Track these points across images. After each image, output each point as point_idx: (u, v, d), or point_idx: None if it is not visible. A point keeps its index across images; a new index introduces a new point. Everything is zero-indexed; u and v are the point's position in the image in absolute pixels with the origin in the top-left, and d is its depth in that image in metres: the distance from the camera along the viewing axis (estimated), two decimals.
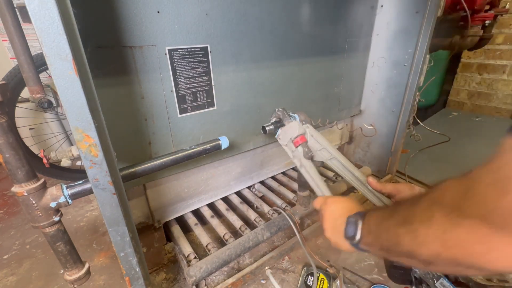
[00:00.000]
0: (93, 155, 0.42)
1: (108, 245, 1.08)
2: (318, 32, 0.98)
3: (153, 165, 0.62)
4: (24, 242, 1.13)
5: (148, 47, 0.65)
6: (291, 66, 0.96)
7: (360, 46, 1.17)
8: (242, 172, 1.09)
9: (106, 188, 0.45)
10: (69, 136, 1.83)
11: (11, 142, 0.41)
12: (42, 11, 0.33)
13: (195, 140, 0.82)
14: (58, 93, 0.37)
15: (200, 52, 0.73)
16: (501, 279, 0.76)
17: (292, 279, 0.88)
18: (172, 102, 0.73)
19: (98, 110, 0.43)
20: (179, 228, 0.96)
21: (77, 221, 1.25)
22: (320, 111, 1.16)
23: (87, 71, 0.41)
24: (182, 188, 0.93)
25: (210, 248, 0.86)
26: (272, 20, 0.84)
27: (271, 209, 1.03)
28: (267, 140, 1.02)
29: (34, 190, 0.44)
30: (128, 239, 0.51)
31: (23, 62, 0.48)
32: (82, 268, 0.53)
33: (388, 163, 1.32)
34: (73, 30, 0.38)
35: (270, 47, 0.87)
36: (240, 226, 0.95)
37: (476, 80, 2.53)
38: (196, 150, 0.69)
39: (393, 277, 0.86)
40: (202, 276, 0.77)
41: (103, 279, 0.93)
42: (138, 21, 0.61)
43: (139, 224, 0.84)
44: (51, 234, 0.48)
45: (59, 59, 0.36)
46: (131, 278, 0.56)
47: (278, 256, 0.94)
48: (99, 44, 0.58)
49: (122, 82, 0.64)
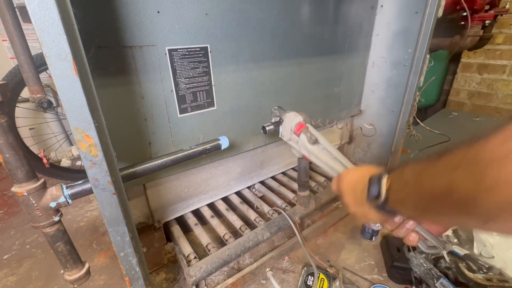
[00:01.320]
0: (93, 155, 0.42)
1: (108, 245, 1.08)
2: (318, 32, 0.98)
3: (153, 165, 0.62)
4: (24, 242, 1.13)
5: (148, 47, 0.65)
6: (291, 66, 0.96)
7: (360, 46, 1.17)
8: (242, 172, 1.09)
9: (106, 188, 0.45)
10: (69, 136, 1.83)
11: (11, 142, 0.41)
12: (42, 11, 0.33)
13: (195, 140, 0.82)
14: (58, 93, 0.37)
15: (200, 52, 0.73)
16: (501, 279, 0.76)
17: (292, 279, 0.88)
18: (172, 102, 0.73)
19: (98, 110, 0.43)
20: (179, 228, 0.96)
21: (77, 221, 1.25)
22: (320, 111, 1.16)
23: (87, 71, 0.41)
24: (182, 188, 0.93)
25: (210, 248, 0.86)
26: (272, 20, 0.84)
27: (271, 209, 1.03)
28: (267, 140, 1.02)
29: (34, 190, 0.44)
30: (128, 239, 0.51)
31: (23, 62, 0.48)
32: (82, 268, 0.53)
33: (388, 163, 1.32)
34: (73, 30, 0.38)
35: (270, 47, 0.87)
36: (240, 226, 0.95)
37: (476, 80, 2.53)
38: (196, 150, 0.69)
39: (393, 277, 0.86)
40: (202, 276, 0.77)
41: (103, 279, 0.93)
42: (138, 21, 0.61)
43: (139, 224, 0.84)
44: (51, 234, 0.48)
45: (59, 59, 0.36)
46: (131, 278, 0.56)
47: (278, 256, 0.94)
48: (99, 44, 0.58)
49: (122, 82, 0.64)
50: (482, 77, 2.48)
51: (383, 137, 1.30)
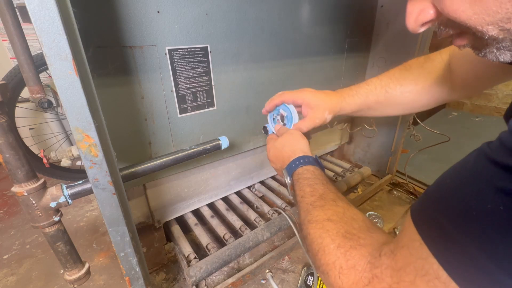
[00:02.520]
0: (93, 155, 0.42)
1: (108, 245, 1.09)
2: (318, 32, 0.98)
3: (153, 165, 0.62)
4: (24, 242, 1.13)
5: (148, 47, 0.65)
6: (291, 66, 0.96)
7: (360, 46, 1.17)
8: (242, 172, 1.09)
9: (106, 188, 0.45)
10: (69, 136, 1.83)
11: (11, 142, 0.41)
12: (42, 11, 0.33)
13: (195, 140, 0.82)
14: (58, 93, 0.37)
15: (200, 52, 0.73)
16: None
17: (292, 279, 0.88)
18: (172, 102, 0.73)
19: (98, 110, 0.43)
20: (179, 228, 0.96)
21: (77, 221, 1.25)
22: None
23: (87, 71, 0.41)
24: (182, 188, 0.93)
25: (210, 248, 0.86)
26: (272, 20, 0.84)
27: (271, 209, 1.03)
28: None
29: (34, 190, 0.44)
30: (128, 239, 0.51)
31: (23, 62, 0.48)
32: (82, 268, 0.53)
33: (388, 163, 1.32)
34: (73, 30, 0.38)
35: (270, 47, 0.87)
36: (240, 226, 0.95)
37: None
38: (196, 150, 0.69)
39: None
40: (202, 276, 0.77)
41: (103, 279, 0.93)
42: (138, 21, 0.61)
43: (139, 224, 0.84)
44: (51, 234, 0.48)
45: (59, 59, 0.36)
46: (131, 278, 0.56)
47: (278, 256, 0.94)
48: (99, 44, 0.58)
49: (122, 82, 0.64)
50: None
51: (383, 137, 1.30)
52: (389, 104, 0.67)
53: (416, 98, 0.64)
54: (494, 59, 0.27)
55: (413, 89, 0.64)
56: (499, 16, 0.23)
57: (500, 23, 0.23)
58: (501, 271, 0.21)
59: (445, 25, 0.30)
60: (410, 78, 0.64)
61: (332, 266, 0.34)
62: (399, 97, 0.65)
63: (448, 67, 0.59)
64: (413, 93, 0.64)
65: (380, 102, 0.67)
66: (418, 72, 0.63)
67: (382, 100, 0.67)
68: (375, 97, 0.67)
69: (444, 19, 0.29)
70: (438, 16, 0.29)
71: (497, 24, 0.24)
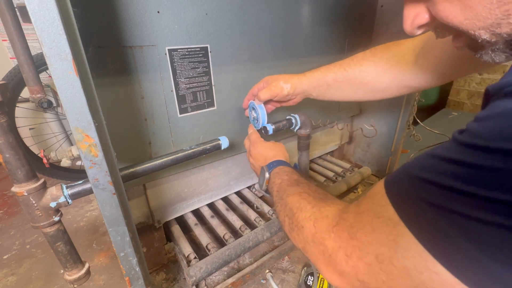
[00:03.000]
0: (93, 155, 0.42)
1: (108, 245, 1.09)
2: (318, 32, 0.98)
3: (153, 165, 0.62)
4: (24, 242, 1.13)
5: (148, 47, 0.65)
6: (291, 66, 0.96)
7: (360, 46, 1.17)
8: (242, 172, 1.09)
9: (106, 188, 0.45)
10: (69, 136, 1.83)
11: (11, 142, 0.41)
12: (42, 11, 0.33)
13: (195, 140, 0.82)
14: (58, 93, 0.37)
15: (200, 52, 0.73)
16: None
17: (292, 279, 0.88)
18: (172, 102, 0.73)
19: (98, 110, 0.43)
20: (179, 228, 0.96)
21: (77, 221, 1.25)
22: (320, 111, 1.16)
23: (87, 71, 0.41)
24: (182, 188, 0.93)
25: (210, 248, 0.86)
26: (272, 20, 0.84)
27: (271, 209, 1.03)
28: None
29: (34, 190, 0.44)
30: (128, 239, 0.51)
31: (23, 62, 0.48)
32: (82, 268, 0.53)
33: (388, 163, 1.32)
34: (73, 30, 0.38)
35: (270, 47, 0.87)
36: (240, 226, 0.95)
37: (476, 80, 2.53)
38: (196, 150, 0.69)
39: None
40: (202, 276, 0.77)
41: (103, 279, 0.93)
42: (138, 21, 0.61)
43: (139, 224, 0.84)
44: (51, 234, 0.48)
45: (59, 59, 0.36)
46: (131, 278, 0.56)
47: (278, 256, 0.94)
48: (99, 44, 0.58)
49: (122, 82, 0.64)
50: (482, 77, 2.48)
51: (383, 137, 1.30)
52: (348, 84, 0.68)
53: (375, 78, 0.65)
54: (490, 60, 0.29)
55: (372, 69, 0.64)
56: (489, 22, 0.24)
57: (491, 28, 0.24)
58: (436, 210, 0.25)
59: (441, 28, 0.31)
60: (371, 59, 0.65)
61: (308, 219, 0.41)
62: (358, 77, 0.66)
63: (416, 52, 0.59)
64: (371, 73, 0.64)
65: (339, 81, 0.68)
66: (381, 54, 0.64)
67: (341, 79, 0.68)
68: (334, 75, 0.68)
69: (439, 23, 0.30)
70: (433, 20, 0.30)
71: (488, 29, 0.25)
